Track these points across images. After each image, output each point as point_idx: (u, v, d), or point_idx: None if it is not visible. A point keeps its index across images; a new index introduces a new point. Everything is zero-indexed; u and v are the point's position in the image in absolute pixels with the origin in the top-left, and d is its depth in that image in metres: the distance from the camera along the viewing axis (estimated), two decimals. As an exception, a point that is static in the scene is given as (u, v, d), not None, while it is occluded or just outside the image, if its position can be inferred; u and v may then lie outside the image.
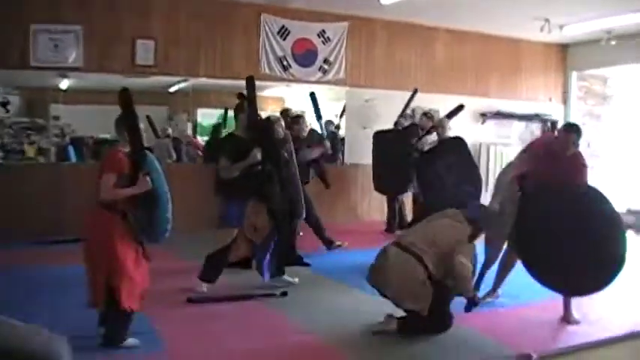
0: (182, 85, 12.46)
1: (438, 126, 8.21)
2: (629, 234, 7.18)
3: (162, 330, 5.26)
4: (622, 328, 5.71)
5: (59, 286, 6.53)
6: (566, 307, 5.92)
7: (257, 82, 11.72)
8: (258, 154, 6.45)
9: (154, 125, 12.76)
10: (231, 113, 9.56)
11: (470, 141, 9.01)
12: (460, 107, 8.20)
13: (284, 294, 6.42)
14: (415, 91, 9.93)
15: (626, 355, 5.21)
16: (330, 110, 12.45)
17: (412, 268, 5.12)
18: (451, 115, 8.24)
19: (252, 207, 6.46)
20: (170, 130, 12.80)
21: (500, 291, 6.43)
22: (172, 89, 13.23)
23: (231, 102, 13.73)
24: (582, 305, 6.20)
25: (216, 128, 12.24)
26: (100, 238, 4.70)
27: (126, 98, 4.91)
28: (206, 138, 13.13)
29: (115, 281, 4.63)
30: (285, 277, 6.87)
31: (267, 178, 6.48)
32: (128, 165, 4.75)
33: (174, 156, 12.20)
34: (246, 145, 6.49)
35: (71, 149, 11.88)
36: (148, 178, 4.78)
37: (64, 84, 11.64)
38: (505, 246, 5.97)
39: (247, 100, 6.81)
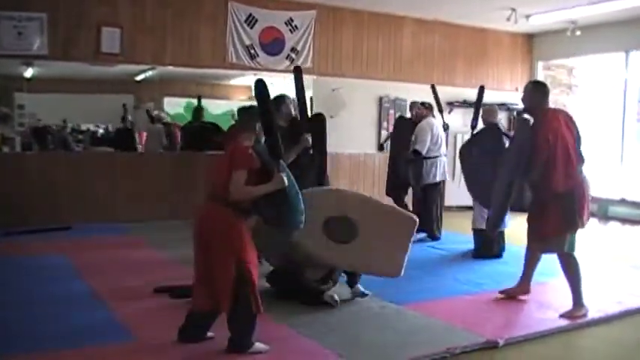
0: (148, 73, 12.39)
1: (489, 112, 8.30)
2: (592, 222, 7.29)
3: (131, 320, 5.22)
4: (587, 315, 5.79)
5: (35, 276, 6.50)
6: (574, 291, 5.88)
7: (224, 71, 11.86)
8: (309, 139, 6.54)
9: (150, 113, 12.73)
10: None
11: (437, 130, 9.13)
12: (482, 89, 8.07)
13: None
14: (433, 87, 9.65)
15: (589, 342, 5.28)
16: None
17: None
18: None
19: None
20: (165, 116, 12.75)
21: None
22: (139, 78, 13.15)
23: (198, 90, 13.81)
24: (547, 292, 6.29)
25: (196, 116, 12.00)
26: (228, 240, 4.40)
27: (262, 90, 4.55)
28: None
29: (245, 285, 4.37)
30: None
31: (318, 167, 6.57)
32: (257, 161, 4.49)
33: (166, 142, 12.08)
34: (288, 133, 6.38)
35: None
36: (283, 175, 4.50)
37: (29, 72, 11.51)
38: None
39: (296, 90, 6.77)
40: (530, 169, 5.66)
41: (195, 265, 4.60)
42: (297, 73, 6.75)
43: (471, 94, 13.22)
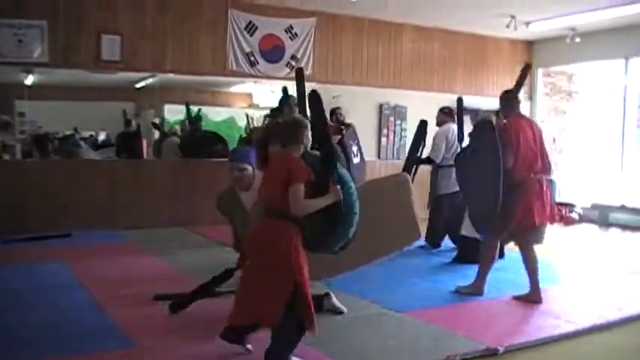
0: (149, 80, 12.39)
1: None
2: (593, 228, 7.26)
3: (130, 327, 5.22)
4: (586, 322, 5.78)
5: (35, 283, 6.50)
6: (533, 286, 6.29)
7: (224, 79, 11.88)
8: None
9: (158, 126, 12.75)
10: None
11: (437, 137, 9.09)
12: (460, 100, 8.19)
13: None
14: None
15: (590, 349, 5.27)
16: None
17: None
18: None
19: None
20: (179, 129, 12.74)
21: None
22: (139, 85, 13.16)
23: (198, 98, 13.82)
24: (548, 299, 6.28)
25: (195, 125, 12.04)
26: (286, 256, 4.27)
27: (317, 101, 4.55)
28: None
29: (302, 301, 4.29)
30: None
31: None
32: (312, 173, 4.34)
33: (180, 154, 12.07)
34: None
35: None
36: (339, 188, 4.36)
37: (29, 80, 11.52)
38: None
39: (298, 94, 6.39)
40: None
41: (245, 279, 4.51)
42: (299, 75, 6.65)
43: (471, 102, 13.29)
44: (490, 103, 13.43)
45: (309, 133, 4.49)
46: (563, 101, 14.79)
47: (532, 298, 6.29)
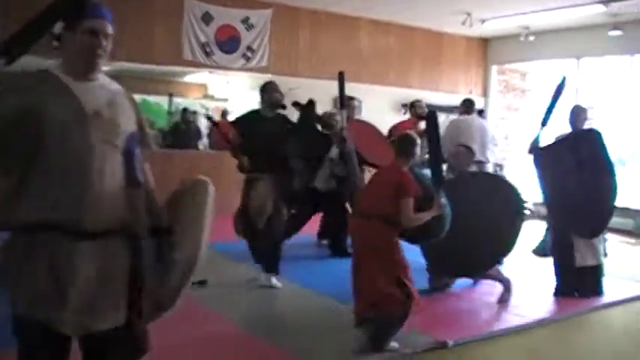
0: (104, 69, 12.20)
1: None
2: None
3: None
4: (535, 315, 5.87)
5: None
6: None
7: (179, 68, 11.74)
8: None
9: None
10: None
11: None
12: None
13: (202, 282, 6.22)
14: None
15: (537, 341, 5.35)
16: (253, 99, 12.38)
17: None
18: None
19: None
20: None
21: None
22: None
23: (152, 88, 13.65)
24: (498, 294, 6.36)
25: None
26: (390, 254, 4.68)
27: (434, 119, 4.91)
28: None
29: (408, 295, 4.67)
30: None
31: None
32: (420, 188, 4.70)
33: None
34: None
35: None
36: (443, 201, 4.74)
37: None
38: None
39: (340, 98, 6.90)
40: None
41: (355, 276, 4.83)
42: (341, 77, 6.68)
43: (427, 97, 13.38)
44: (444, 99, 13.59)
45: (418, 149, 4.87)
46: (517, 98, 14.99)
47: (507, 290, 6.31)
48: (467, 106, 8.85)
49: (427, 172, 5.14)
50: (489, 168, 8.47)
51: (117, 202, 2.63)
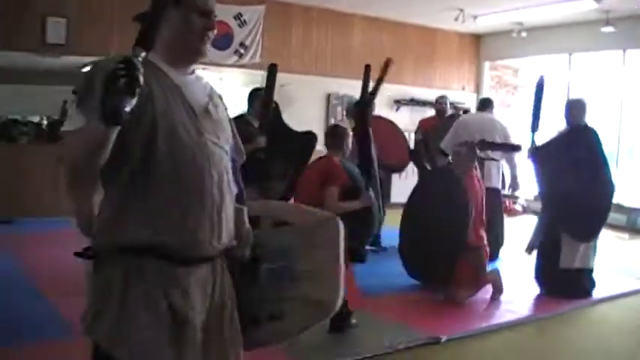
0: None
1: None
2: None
3: (74, 316, 5.13)
4: (528, 311, 5.90)
5: None
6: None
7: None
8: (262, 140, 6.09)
9: None
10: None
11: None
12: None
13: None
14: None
15: (530, 337, 5.36)
16: (246, 95, 12.37)
17: None
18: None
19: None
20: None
21: None
22: (85, 69, 12.93)
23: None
24: (488, 290, 6.37)
25: None
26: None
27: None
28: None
29: None
30: None
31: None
32: (348, 178, 4.70)
33: None
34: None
35: None
36: (371, 194, 4.73)
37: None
38: None
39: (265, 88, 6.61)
40: None
41: None
42: (272, 70, 6.59)
43: (419, 93, 13.40)
44: (437, 95, 13.58)
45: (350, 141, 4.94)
46: (509, 94, 15.01)
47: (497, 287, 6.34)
48: (482, 104, 9.13)
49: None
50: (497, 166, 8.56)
51: (230, 220, 2.24)
